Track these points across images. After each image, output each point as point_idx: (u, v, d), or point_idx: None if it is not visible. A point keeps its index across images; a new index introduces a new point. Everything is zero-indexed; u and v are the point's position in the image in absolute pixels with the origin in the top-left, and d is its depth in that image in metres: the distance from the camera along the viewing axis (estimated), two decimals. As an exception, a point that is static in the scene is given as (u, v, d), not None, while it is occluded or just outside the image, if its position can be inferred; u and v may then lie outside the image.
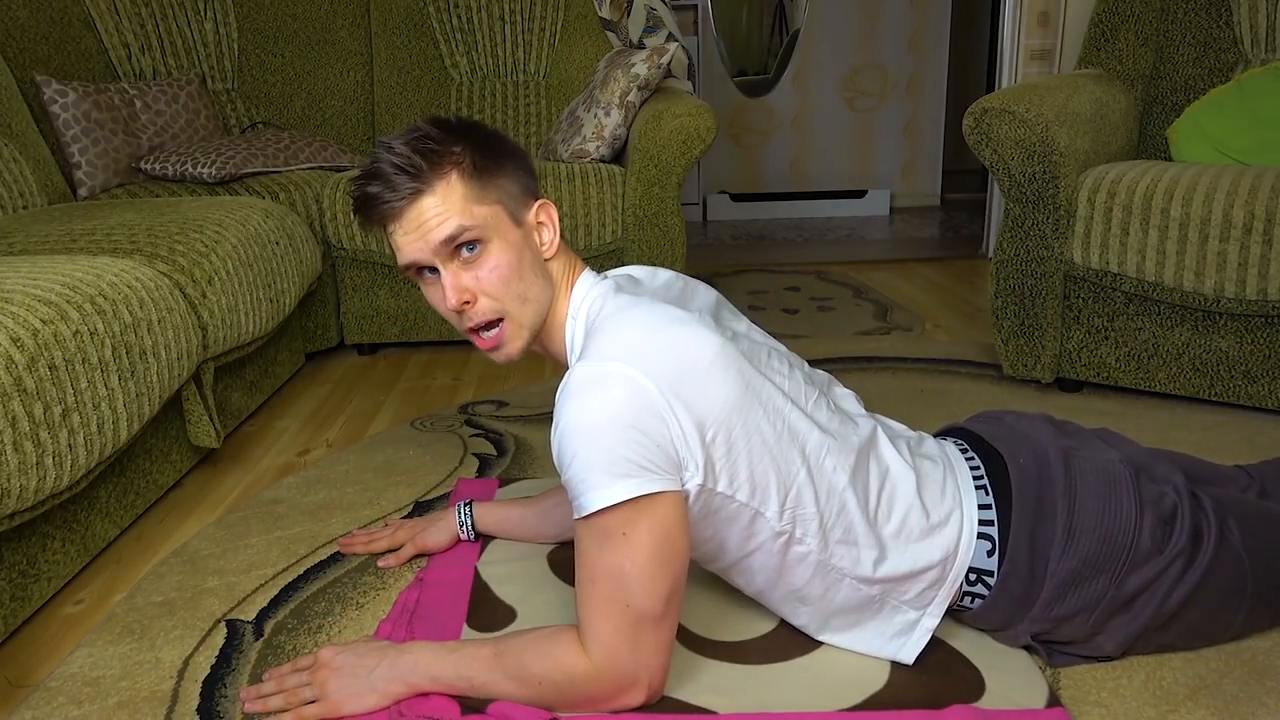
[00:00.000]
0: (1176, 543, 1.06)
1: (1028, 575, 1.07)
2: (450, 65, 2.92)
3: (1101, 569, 1.06)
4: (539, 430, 1.92)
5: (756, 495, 1.03)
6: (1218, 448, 1.71)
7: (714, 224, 4.49)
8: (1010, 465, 1.12)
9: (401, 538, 1.44)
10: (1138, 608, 1.07)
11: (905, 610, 1.11)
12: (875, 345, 2.43)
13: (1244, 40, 2.20)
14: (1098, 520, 1.06)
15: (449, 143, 1.05)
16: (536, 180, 1.14)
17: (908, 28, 4.51)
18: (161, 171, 2.45)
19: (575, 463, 0.95)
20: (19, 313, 1.29)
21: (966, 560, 1.09)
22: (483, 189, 1.05)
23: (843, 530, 1.06)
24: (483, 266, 1.06)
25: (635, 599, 0.96)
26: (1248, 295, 1.76)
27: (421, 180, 1.03)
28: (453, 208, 1.04)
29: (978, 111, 1.97)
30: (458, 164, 1.05)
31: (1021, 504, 1.09)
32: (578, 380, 0.97)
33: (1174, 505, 1.08)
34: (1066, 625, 1.09)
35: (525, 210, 1.10)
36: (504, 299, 1.08)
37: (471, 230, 1.04)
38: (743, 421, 1.01)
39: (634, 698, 1.01)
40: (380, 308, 2.48)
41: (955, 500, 1.11)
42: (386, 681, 1.06)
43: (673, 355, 0.99)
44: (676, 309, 1.06)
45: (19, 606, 1.31)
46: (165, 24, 2.82)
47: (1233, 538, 1.08)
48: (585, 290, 1.12)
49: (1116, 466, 1.11)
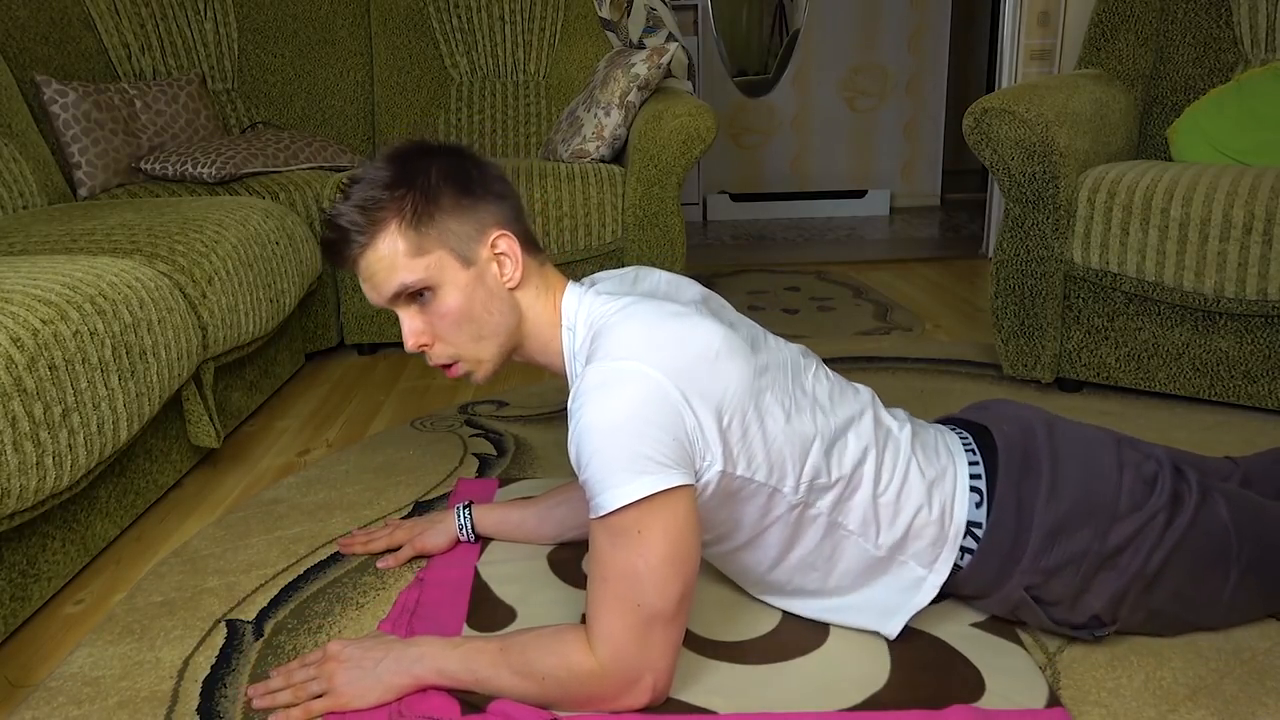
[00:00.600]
0: (1157, 501, 1.10)
1: (1014, 524, 1.11)
2: (450, 65, 2.92)
3: (1085, 520, 1.09)
4: (539, 430, 1.92)
5: (774, 473, 1.06)
6: (1218, 448, 1.71)
7: (714, 224, 4.49)
8: (995, 433, 1.17)
9: (400, 538, 1.44)
10: (1122, 563, 1.09)
11: (912, 567, 1.14)
12: (875, 345, 2.43)
13: (1244, 40, 2.20)
14: (1080, 475, 1.11)
15: (395, 187, 1.06)
16: (510, 204, 1.13)
17: (908, 28, 4.51)
18: (161, 171, 2.45)
19: (594, 462, 0.96)
20: (19, 313, 1.29)
21: (964, 516, 1.13)
22: (421, 239, 1.06)
23: (852, 491, 1.10)
24: (434, 313, 1.09)
25: (647, 598, 0.97)
26: (1248, 295, 1.76)
27: (365, 235, 1.06)
28: (395, 262, 1.06)
29: (978, 111, 1.97)
30: (399, 214, 1.06)
31: (1007, 461, 1.13)
32: (592, 381, 0.98)
33: (1155, 471, 1.13)
34: (1056, 580, 1.11)
35: (477, 247, 1.09)
36: (457, 343, 1.10)
37: (413, 284, 1.07)
38: (755, 404, 1.03)
39: (638, 698, 1.01)
40: (380, 308, 2.47)
41: (949, 457, 1.16)
42: (393, 674, 1.07)
43: (681, 347, 1.00)
44: (674, 304, 1.08)
45: (19, 606, 1.31)
46: (165, 24, 2.82)
47: (1217, 506, 1.12)
48: (577, 301, 1.13)
49: (1099, 433, 1.17)
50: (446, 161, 1.10)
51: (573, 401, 1.00)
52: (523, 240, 1.12)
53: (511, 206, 1.13)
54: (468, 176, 1.10)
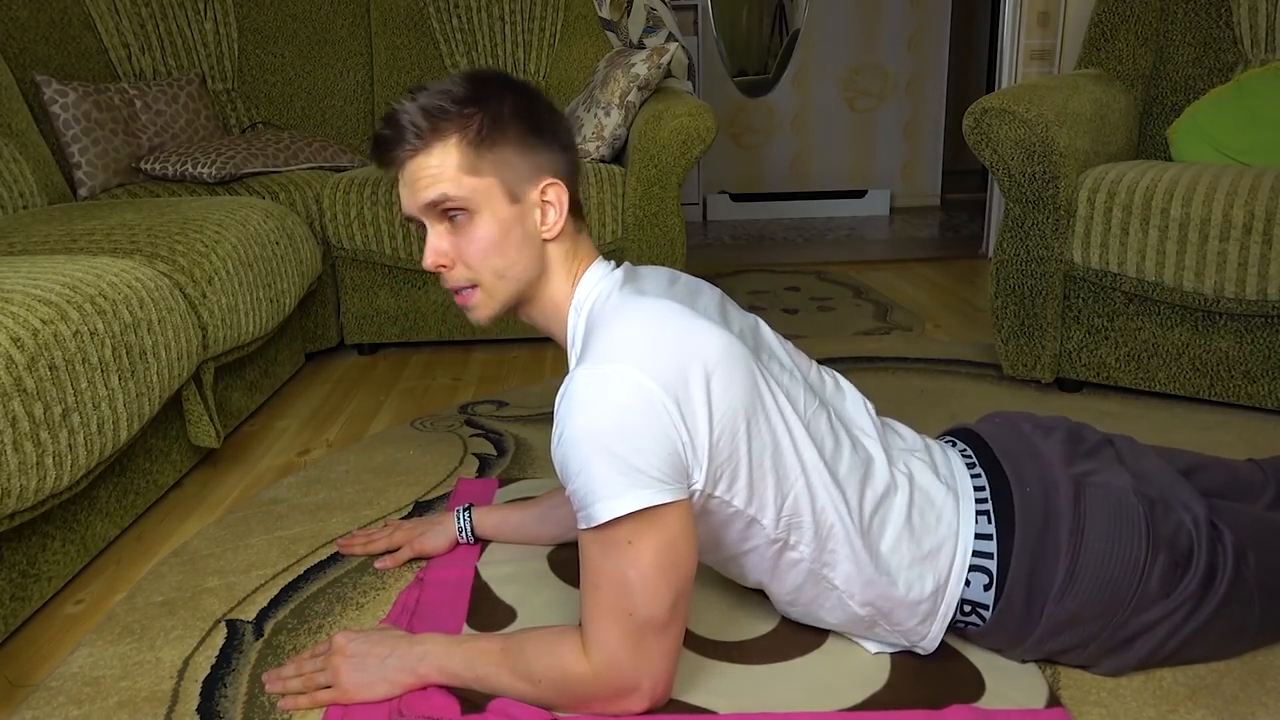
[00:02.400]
0: (1187, 587, 1.03)
1: (1023, 614, 1.06)
2: (450, 65, 2.92)
3: (1101, 613, 1.04)
4: (539, 430, 1.92)
5: (754, 503, 1.02)
6: (1218, 448, 1.71)
7: (714, 224, 4.49)
8: (1016, 492, 1.08)
9: (400, 539, 1.44)
10: (1136, 647, 1.06)
11: (898, 639, 1.12)
12: (875, 345, 2.43)
13: (1244, 40, 2.20)
14: (1103, 565, 1.03)
15: (466, 104, 1.03)
16: (569, 159, 1.10)
17: (908, 28, 4.51)
18: (161, 171, 2.45)
19: (583, 474, 0.93)
20: (19, 313, 1.29)
21: (957, 593, 1.08)
22: (479, 160, 1.03)
23: (835, 544, 1.05)
24: (465, 236, 1.05)
25: (640, 607, 0.95)
26: (1248, 295, 1.76)
27: (422, 140, 1.03)
28: (444, 174, 1.03)
29: (978, 111, 1.97)
30: (462, 130, 1.03)
31: (1024, 538, 1.05)
32: (582, 386, 0.95)
33: (1190, 544, 1.04)
34: (1061, 658, 1.10)
35: (529, 188, 1.06)
36: (479, 271, 1.06)
37: (456, 200, 1.03)
38: (746, 425, 0.99)
39: (636, 703, 1.00)
40: (380, 308, 2.48)
41: (950, 529, 1.08)
42: (396, 671, 1.07)
43: (679, 356, 0.96)
44: (681, 306, 1.04)
45: (19, 606, 1.31)
46: (165, 24, 2.81)
47: (1247, 573, 1.05)
48: (593, 283, 1.09)
49: (1130, 499, 1.06)
50: (523, 96, 1.07)
51: (561, 404, 0.96)
52: (573, 200, 1.09)
53: (570, 161, 1.10)
54: (540, 117, 1.07)
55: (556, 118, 1.10)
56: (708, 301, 1.15)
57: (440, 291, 2.45)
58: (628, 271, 1.13)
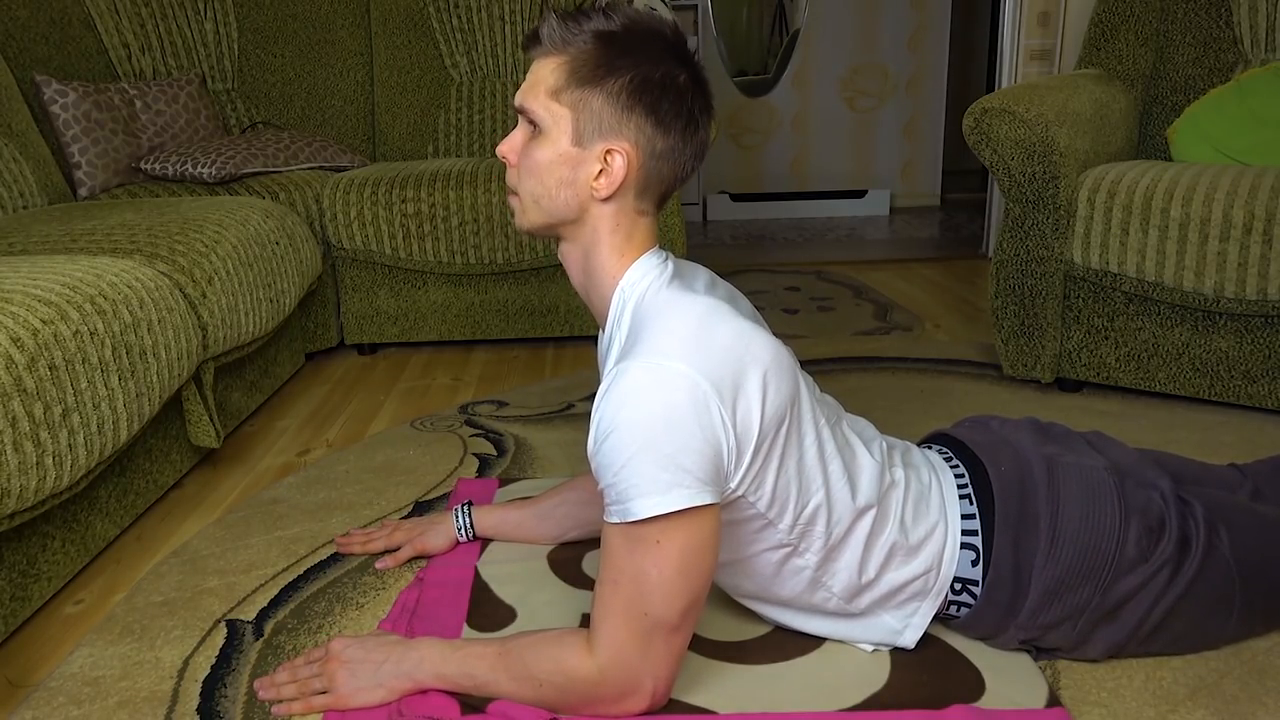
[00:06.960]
0: (1163, 551, 1.06)
1: (1012, 583, 1.08)
2: (450, 65, 2.92)
3: (1086, 577, 1.06)
4: (539, 430, 1.92)
5: (774, 507, 1.03)
6: (1218, 448, 1.71)
7: (714, 224, 4.49)
8: (991, 473, 1.12)
9: (399, 539, 1.44)
10: (1123, 617, 1.08)
11: (888, 620, 1.13)
12: (875, 345, 2.43)
13: (1244, 40, 2.20)
14: (1081, 527, 1.07)
15: (593, 42, 1.01)
16: (680, 152, 1.04)
17: (908, 28, 4.51)
18: (161, 171, 2.45)
19: (627, 468, 0.92)
20: (19, 313, 1.29)
21: (950, 572, 1.11)
22: (567, 89, 1.02)
23: (840, 552, 1.08)
24: (529, 147, 1.05)
25: (655, 606, 0.96)
26: (1248, 295, 1.76)
27: (543, 48, 1.03)
28: (538, 88, 1.03)
29: (978, 111, 1.97)
30: (574, 55, 1.02)
31: (1004, 512, 1.09)
32: (634, 379, 0.93)
33: (1161, 512, 1.08)
34: (1053, 633, 1.10)
35: (598, 141, 1.02)
36: (522, 183, 1.07)
37: (531, 114, 1.04)
38: (784, 433, 1.00)
39: (636, 704, 1.00)
40: (380, 308, 2.48)
41: (940, 513, 1.12)
42: (393, 677, 1.07)
43: (732, 358, 0.96)
44: (731, 308, 1.03)
45: (19, 606, 1.31)
46: (165, 24, 2.82)
47: (1221, 545, 1.08)
48: (645, 270, 1.07)
49: (1100, 473, 1.11)
50: (663, 72, 1.01)
51: (610, 394, 0.94)
52: (646, 184, 1.04)
53: (679, 154, 1.05)
54: (663, 98, 1.01)
55: (682, 89, 1.03)
56: (743, 307, 1.14)
57: (440, 291, 2.45)
58: (677, 265, 1.11)
